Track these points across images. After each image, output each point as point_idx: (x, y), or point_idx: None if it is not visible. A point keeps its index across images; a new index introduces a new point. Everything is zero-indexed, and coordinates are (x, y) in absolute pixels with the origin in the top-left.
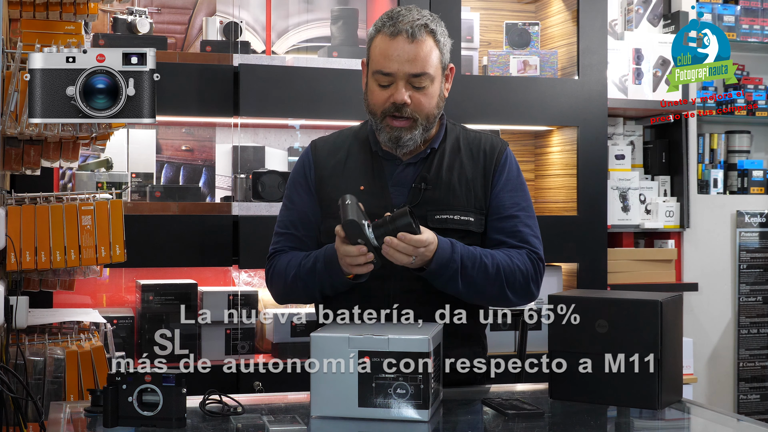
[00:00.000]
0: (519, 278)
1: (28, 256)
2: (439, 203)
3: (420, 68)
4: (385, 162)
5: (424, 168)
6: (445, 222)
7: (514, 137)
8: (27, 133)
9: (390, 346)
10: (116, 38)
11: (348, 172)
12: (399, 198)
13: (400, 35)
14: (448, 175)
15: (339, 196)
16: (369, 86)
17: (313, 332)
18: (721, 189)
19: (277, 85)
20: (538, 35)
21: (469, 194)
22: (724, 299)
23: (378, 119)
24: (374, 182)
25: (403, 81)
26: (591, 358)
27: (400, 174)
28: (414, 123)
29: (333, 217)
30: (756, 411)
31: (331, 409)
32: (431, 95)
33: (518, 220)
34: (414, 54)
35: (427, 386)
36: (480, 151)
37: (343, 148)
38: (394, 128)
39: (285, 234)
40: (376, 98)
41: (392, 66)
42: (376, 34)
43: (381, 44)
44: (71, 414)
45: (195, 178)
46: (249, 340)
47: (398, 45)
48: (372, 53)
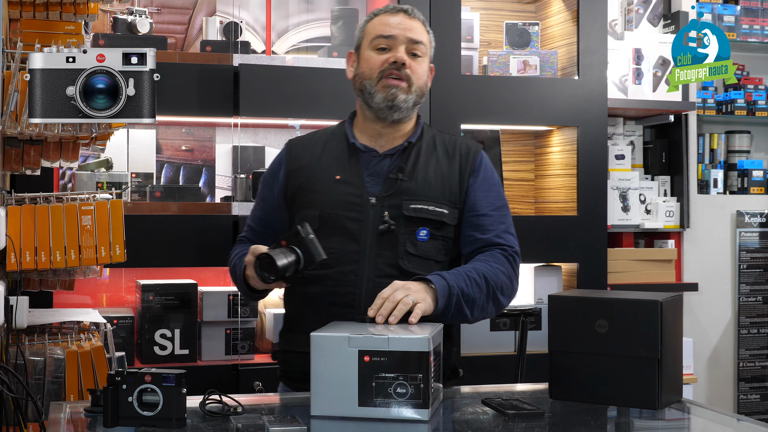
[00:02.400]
0: (504, 280)
1: (28, 256)
2: (414, 194)
3: (418, 36)
4: (362, 153)
5: (401, 160)
6: (420, 212)
7: (514, 137)
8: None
9: (390, 345)
10: (116, 38)
11: (324, 163)
12: (374, 187)
13: (399, 13)
14: (424, 168)
15: (315, 185)
16: (365, 57)
17: (312, 332)
18: (721, 189)
19: (277, 85)
20: (538, 35)
21: (444, 188)
22: (724, 299)
23: (374, 81)
24: (350, 172)
25: (403, 45)
26: (591, 358)
27: (376, 165)
28: (409, 87)
29: (308, 205)
30: (756, 411)
31: (331, 409)
32: (424, 68)
33: (493, 219)
34: (412, 25)
35: (427, 386)
36: (456, 152)
37: (319, 144)
38: (390, 86)
39: (249, 226)
40: (374, 62)
41: (394, 30)
42: (373, 17)
43: (380, 19)
44: (71, 414)
45: (195, 178)
46: (249, 340)
47: (399, 17)
48: (369, 29)
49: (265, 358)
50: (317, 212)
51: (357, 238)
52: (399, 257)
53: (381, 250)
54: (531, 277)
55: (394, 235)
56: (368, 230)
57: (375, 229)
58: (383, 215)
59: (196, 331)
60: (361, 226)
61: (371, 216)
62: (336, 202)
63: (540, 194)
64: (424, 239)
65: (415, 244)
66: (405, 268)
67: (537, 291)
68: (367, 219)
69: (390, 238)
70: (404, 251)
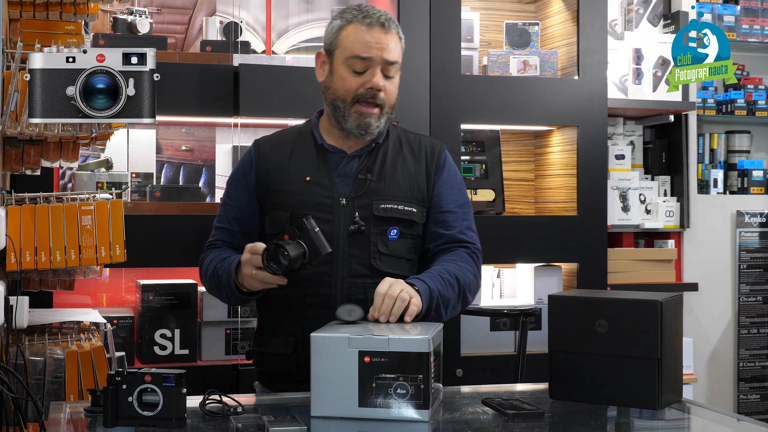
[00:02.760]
0: (471, 278)
1: (28, 256)
2: (383, 194)
3: (393, 56)
4: (330, 154)
5: (369, 160)
6: (389, 211)
7: (514, 137)
8: (27, 133)
9: (390, 346)
10: (116, 38)
11: (294, 164)
12: (344, 188)
13: (376, 25)
14: (392, 168)
15: (285, 187)
16: (339, 74)
17: (312, 332)
18: (721, 189)
19: (277, 85)
20: (538, 35)
21: (412, 187)
22: (724, 299)
23: (348, 105)
24: (320, 173)
25: (379, 67)
26: (591, 358)
27: (345, 166)
28: (381, 111)
29: (278, 207)
30: (756, 411)
31: (331, 409)
32: (396, 86)
33: (456, 215)
34: (388, 43)
35: (428, 386)
36: (421, 151)
37: (287, 143)
38: (363, 114)
39: (221, 228)
40: (349, 84)
41: (371, 52)
42: (346, 24)
43: (356, 33)
44: (71, 414)
45: (195, 178)
46: (249, 340)
47: (375, 33)
48: (344, 41)
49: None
50: (288, 213)
51: (329, 239)
52: (371, 257)
53: (353, 250)
54: (531, 277)
55: (365, 235)
56: (340, 231)
57: (346, 229)
58: (354, 216)
59: (196, 331)
60: (333, 227)
61: (342, 217)
62: (307, 204)
63: (540, 194)
64: (394, 238)
65: (386, 243)
66: (377, 267)
67: (537, 291)
68: (338, 220)
69: (361, 238)
70: (376, 251)
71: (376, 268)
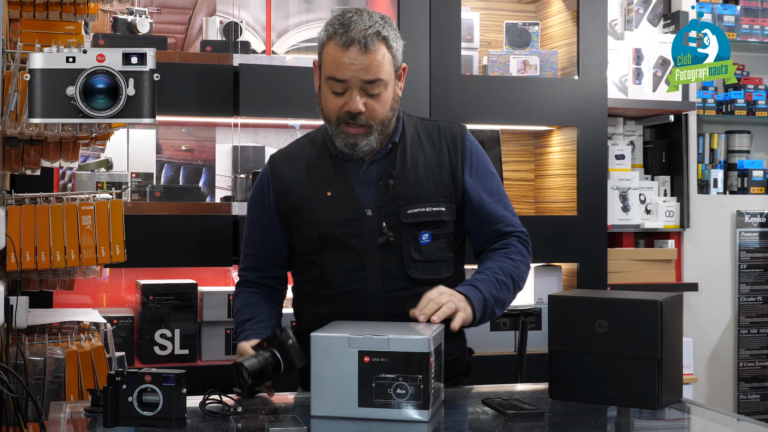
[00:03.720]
0: (524, 270)
1: (28, 256)
2: (409, 197)
3: (374, 75)
4: (348, 163)
5: (387, 164)
6: (418, 216)
7: (514, 137)
8: (27, 133)
9: (390, 346)
10: (116, 38)
11: (311, 180)
12: (367, 197)
13: (352, 45)
14: (414, 167)
15: (308, 205)
16: (323, 91)
17: (313, 332)
18: (721, 189)
19: (277, 85)
20: (538, 35)
21: (437, 184)
22: (724, 299)
23: (333, 125)
24: (340, 186)
25: (357, 88)
26: (591, 358)
27: (364, 174)
28: (369, 129)
29: (305, 226)
30: (756, 411)
31: (331, 409)
32: (385, 101)
33: (497, 206)
34: (368, 63)
35: (427, 386)
36: (441, 140)
37: (301, 158)
38: (349, 134)
39: (249, 255)
40: (331, 105)
41: (346, 73)
42: (327, 40)
43: (333, 52)
44: (71, 414)
45: (195, 178)
46: None
47: (351, 55)
48: (324, 60)
49: None
50: (315, 234)
51: (360, 254)
52: (405, 267)
53: (385, 263)
54: (531, 277)
55: (395, 245)
56: (370, 244)
57: (375, 241)
58: (381, 226)
59: (196, 331)
60: (362, 241)
61: (370, 229)
62: (332, 220)
63: (540, 194)
64: (427, 242)
65: (419, 249)
66: (413, 277)
67: (537, 291)
68: (367, 233)
69: (392, 248)
70: (410, 259)
71: (412, 277)
